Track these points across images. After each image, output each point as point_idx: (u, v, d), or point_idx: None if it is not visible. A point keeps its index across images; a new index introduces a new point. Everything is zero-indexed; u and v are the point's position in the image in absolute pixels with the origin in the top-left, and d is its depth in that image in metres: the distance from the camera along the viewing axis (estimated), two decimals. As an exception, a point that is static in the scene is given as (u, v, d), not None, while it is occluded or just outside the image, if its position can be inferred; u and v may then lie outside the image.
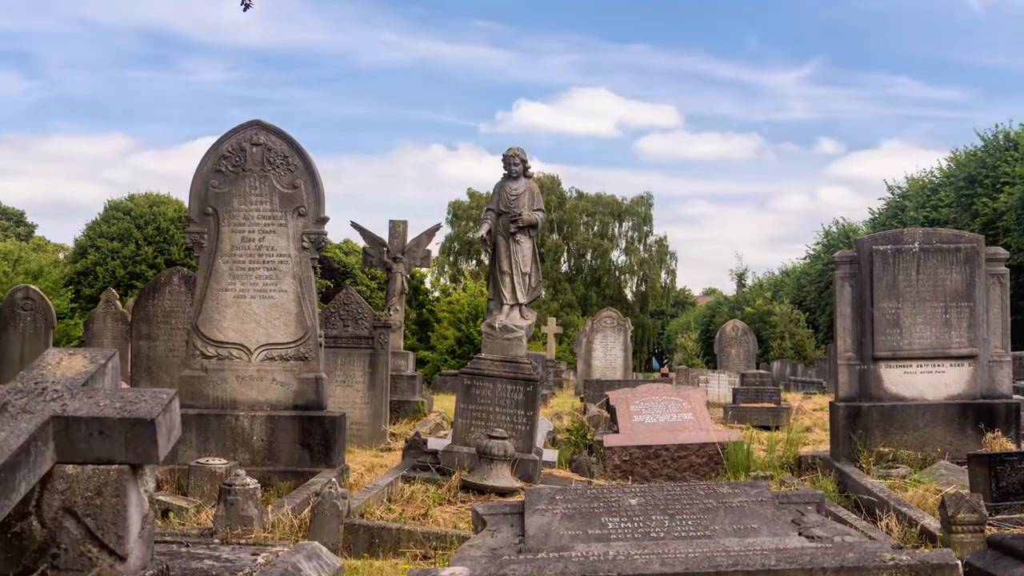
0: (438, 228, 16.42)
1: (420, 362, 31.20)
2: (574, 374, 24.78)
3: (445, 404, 14.84)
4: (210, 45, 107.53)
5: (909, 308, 8.33)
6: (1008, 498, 5.95)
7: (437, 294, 46.08)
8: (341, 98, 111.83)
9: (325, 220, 7.66)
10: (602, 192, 56.92)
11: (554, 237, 54.27)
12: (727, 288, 64.33)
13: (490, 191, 8.92)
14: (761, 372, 16.73)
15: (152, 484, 3.31)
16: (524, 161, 8.63)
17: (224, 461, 6.63)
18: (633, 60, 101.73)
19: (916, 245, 8.38)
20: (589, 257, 55.93)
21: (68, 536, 3.08)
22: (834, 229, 42.24)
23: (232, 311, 7.54)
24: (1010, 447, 7.76)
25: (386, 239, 15.58)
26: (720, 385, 18.08)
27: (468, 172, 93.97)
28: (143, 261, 32.07)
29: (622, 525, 4.00)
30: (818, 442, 10.65)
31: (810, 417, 13.89)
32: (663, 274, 57.95)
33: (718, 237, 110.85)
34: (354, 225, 15.95)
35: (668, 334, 62.51)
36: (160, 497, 6.22)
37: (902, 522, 6.04)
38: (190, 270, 10.68)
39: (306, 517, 5.74)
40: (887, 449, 8.06)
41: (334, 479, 6.24)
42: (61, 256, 40.13)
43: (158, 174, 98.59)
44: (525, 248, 8.51)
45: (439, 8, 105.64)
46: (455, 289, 43.68)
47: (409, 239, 15.67)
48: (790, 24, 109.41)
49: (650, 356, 61.17)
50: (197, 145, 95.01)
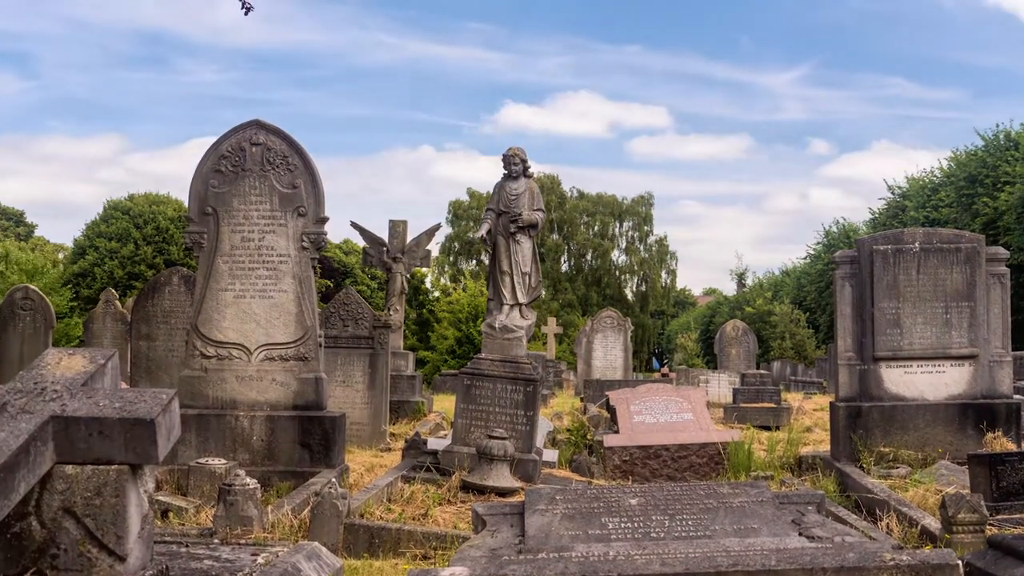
0: (438, 228, 16.42)
1: (420, 362, 31.21)
2: (574, 374, 24.78)
3: (445, 404, 14.84)
4: (204, 46, 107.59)
5: (909, 308, 8.32)
6: (1009, 498, 5.95)
7: (437, 294, 46.05)
8: (340, 99, 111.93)
9: (325, 220, 7.65)
10: (603, 192, 57.02)
11: (554, 237, 54.27)
12: (727, 288, 64.41)
13: (489, 191, 8.91)
14: (761, 372, 16.74)
15: (152, 484, 3.30)
16: (524, 161, 8.63)
17: (224, 461, 6.62)
18: (626, 61, 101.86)
19: (916, 245, 8.38)
20: (589, 257, 55.93)
21: (68, 536, 3.08)
22: (834, 229, 42.24)
23: (232, 311, 7.54)
24: (1011, 447, 7.76)
25: (386, 239, 15.57)
26: (720, 385, 18.08)
27: (461, 173, 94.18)
28: (142, 261, 32.07)
29: (622, 525, 3.99)
30: (818, 442, 10.65)
31: (810, 417, 13.89)
32: (663, 274, 57.98)
33: (710, 237, 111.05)
34: (354, 225, 15.96)
35: (668, 334, 62.51)
36: (160, 497, 6.21)
37: (902, 522, 6.04)
38: (190, 270, 10.67)
39: (306, 517, 5.73)
40: (887, 449, 8.06)
41: (334, 479, 6.24)
42: (60, 256, 40.13)
43: (153, 175, 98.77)
44: (525, 248, 8.50)
45: (431, 10, 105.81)
46: (455, 289, 43.65)
47: (409, 239, 15.66)
48: (782, 25, 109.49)
49: (650, 356, 61.16)
50: (192, 146, 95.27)
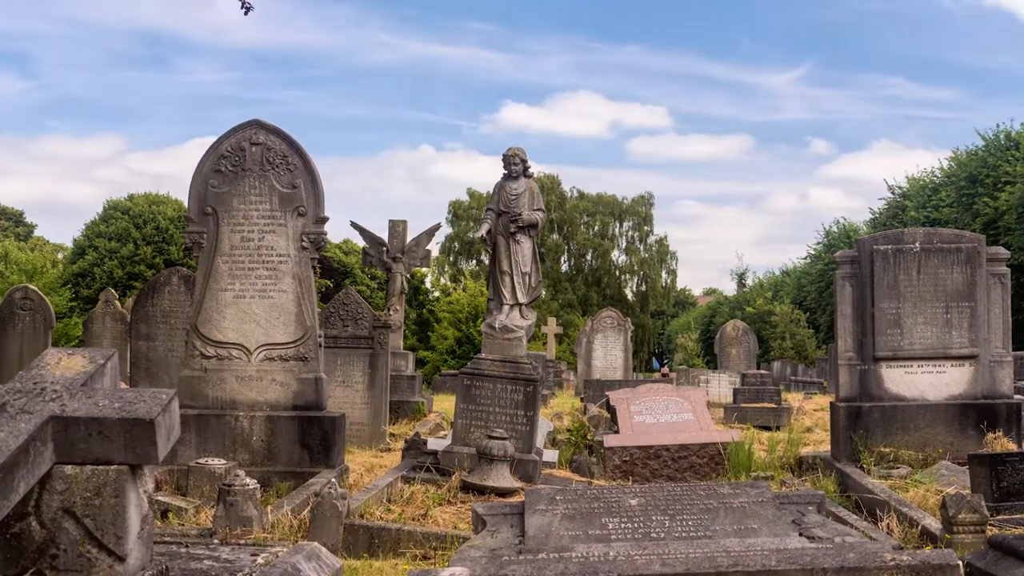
0: (438, 228, 16.42)
1: (420, 362, 31.20)
2: (574, 374, 24.78)
3: (445, 404, 14.83)
4: (204, 46, 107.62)
5: (910, 308, 8.32)
6: (1009, 498, 5.94)
7: (437, 294, 46.03)
8: (340, 99, 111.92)
9: (325, 220, 7.65)
10: (603, 192, 57.00)
11: (554, 237, 54.26)
12: (727, 288, 64.41)
13: (489, 191, 8.90)
14: (762, 372, 16.73)
15: (151, 484, 3.30)
16: (524, 161, 8.62)
17: (223, 461, 6.62)
18: (626, 61, 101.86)
19: (917, 245, 8.37)
20: (589, 257, 55.91)
21: (67, 537, 3.07)
22: (835, 229, 42.23)
23: (232, 311, 7.53)
24: (1011, 447, 7.75)
25: (386, 239, 15.57)
26: (721, 385, 18.07)
27: (461, 173, 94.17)
28: (142, 261, 32.05)
29: (622, 525, 3.99)
30: (819, 442, 10.64)
31: (811, 417, 13.88)
32: (663, 274, 57.94)
33: (710, 237, 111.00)
34: (354, 225, 15.96)
35: (668, 334, 62.50)
36: (159, 497, 6.21)
37: (903, 522, 6.03)
38: (189, 270, 10.66)
39: (306, 518, 5.73)
40: (888, 449, 8.05)
41: (334, 479, 6.23)
42: (60, 256, 40.12)
43: (153, 175, 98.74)
44: (525, 248, 8.49)
45: (431, 10, 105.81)
46: (455, 289, 43.62)
47: (409, 239, 15.66)
48: (782, 25, 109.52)
49: (650, 356, 61.14)
50: (192, 146, 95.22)
